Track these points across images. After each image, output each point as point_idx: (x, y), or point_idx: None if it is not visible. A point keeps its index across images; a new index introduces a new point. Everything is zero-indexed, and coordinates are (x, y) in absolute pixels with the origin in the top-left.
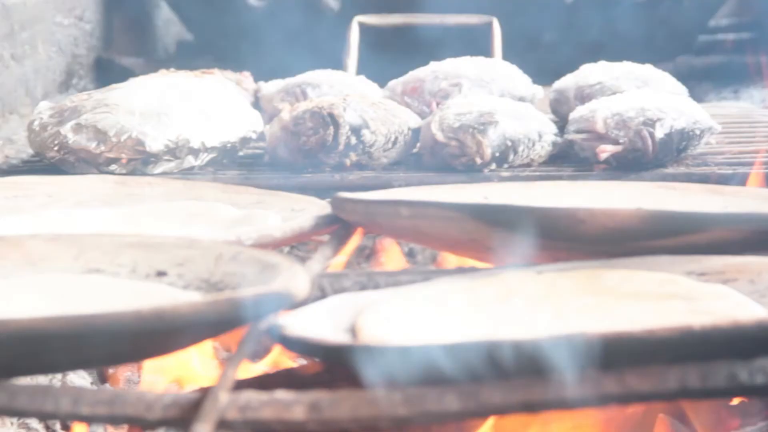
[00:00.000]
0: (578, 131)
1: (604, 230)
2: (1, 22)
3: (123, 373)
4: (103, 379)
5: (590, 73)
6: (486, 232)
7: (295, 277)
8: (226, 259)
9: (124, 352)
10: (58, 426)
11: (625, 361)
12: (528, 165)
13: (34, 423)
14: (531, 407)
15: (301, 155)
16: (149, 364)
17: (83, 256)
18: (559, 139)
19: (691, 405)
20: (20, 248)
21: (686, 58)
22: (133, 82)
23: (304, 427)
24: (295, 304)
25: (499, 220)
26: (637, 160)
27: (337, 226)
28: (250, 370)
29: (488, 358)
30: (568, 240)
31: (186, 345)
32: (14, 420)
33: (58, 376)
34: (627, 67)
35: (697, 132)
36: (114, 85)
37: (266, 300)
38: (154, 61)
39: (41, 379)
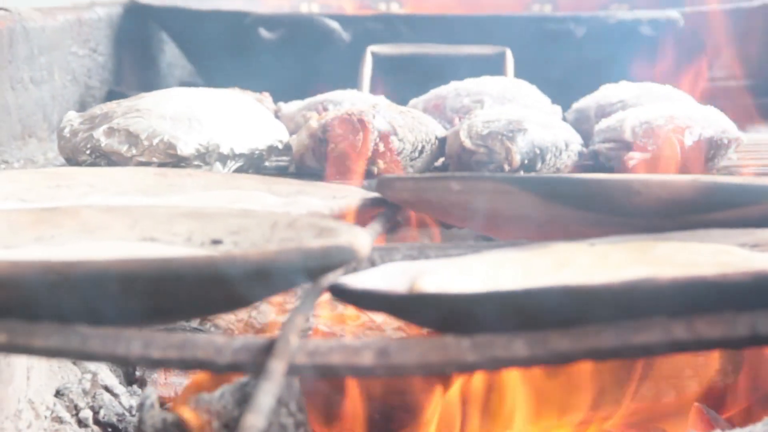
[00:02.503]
0: (605, 141)
1: (658, 202)
2: (22, 44)
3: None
4: (130, 380)
5: (611, 92)
6: (538, 206)
7: (357, 235)
8: (282, 225)
9: (191, 302)
10: (90, 420)
11: (695, 307)
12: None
13: (66, 416)
14: (599, 354)
15: (328, 163)
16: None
17: (138, 225)
18: (584, 150)
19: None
20: (76, 217)
21: None
22: (160, 92)
23: (372, 373)
24: (350, 269)
25: (553, 193)
26: (666, 168)
27: (383, 208)
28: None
29: (557, 304)
30: (621, 213)
31: (250, 299)
32: (47, 414)
33: None
34: (647, 86)
35: (725, 141)
36: (142, 94)
37: (333, 252)
38: None
39: None
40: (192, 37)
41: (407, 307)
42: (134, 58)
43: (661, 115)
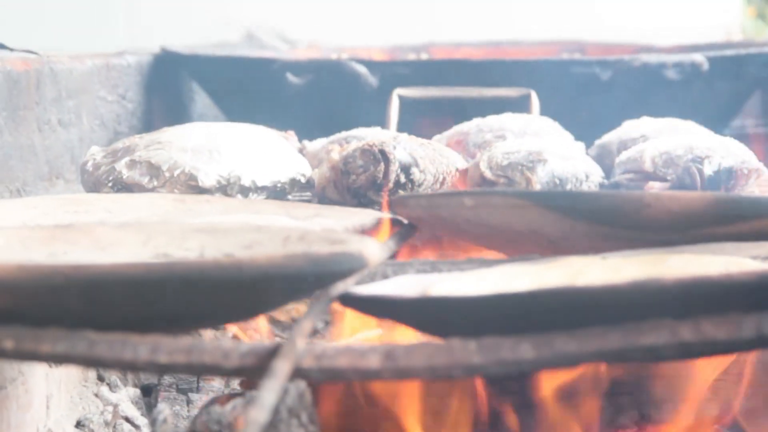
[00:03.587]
0: (626, 172)
1: (669, 215)
2: (49, 86)
3: None
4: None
5: (633, 127)
6: (550, 221)
7: (367, 244)
8: (294, 239)
9: (198, 308)
10: None
11: (701, 307)
12: None
13: None
14: (606, 356)
15: (350, 195)
16: None
17: (151, 241)
18: (605, 182)
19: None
20: (89, 235)
21: None
22: (183, 125)
23: (379, 376)
24: (363, 281)
25: (564, 207)
26: None
27: (397, 228)
28: None
29: (563, 306)
30: (633, 227)
31: (259, 308)
32: None
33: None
34: (670, 121)
35: (745, 171)
36: (165, 128)
37: (341, 258)
38: None
39: None
40: (221, 84)
41: (415, 311)
42: (164, 106)
43: (681, 146)
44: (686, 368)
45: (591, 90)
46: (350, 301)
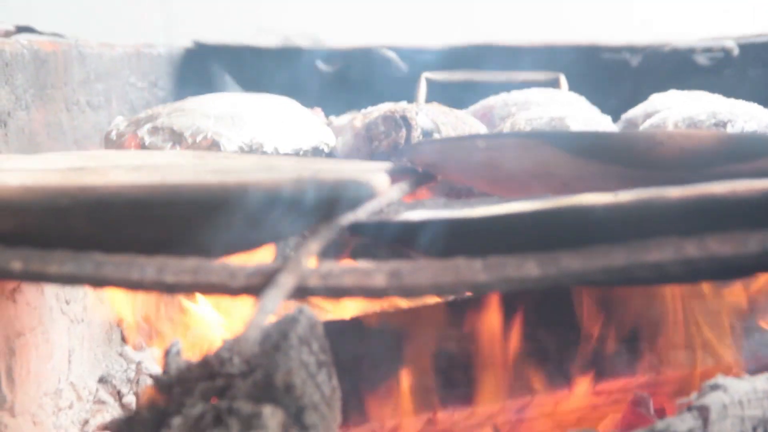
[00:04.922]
0: None
1: (681, 152)
2: (78, 68)
3: None
4: None
5: (659, 100)
6: (563, 161)
7: (375, 174)
8: (307, 177)
9: (205, 232)
10: (134, 405)
11: (706, 224)
12: None
13: (110, 400)
14: (611, 273)
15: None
16: None
17: (165, 181)
18: None
19: None
20: (103, 176)
21: None
22: (206, 95)
23: (385, 294)
24: (374, 216)
25: (578, 147)
26: None
27: (409, 176)
28: None
29: (568, 223)
30: (645, 166)
31: (265, 235)
32: (90, 398)
33: None
34: (696, 94)
35: None
36: (189, 98)
37: (348, 185)
38: None
39: None
40: (253, 75)
41: (422, 233)
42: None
43: (704, 111)
44: (705, 313)
45: (620, 76)
46: (357, 228)
